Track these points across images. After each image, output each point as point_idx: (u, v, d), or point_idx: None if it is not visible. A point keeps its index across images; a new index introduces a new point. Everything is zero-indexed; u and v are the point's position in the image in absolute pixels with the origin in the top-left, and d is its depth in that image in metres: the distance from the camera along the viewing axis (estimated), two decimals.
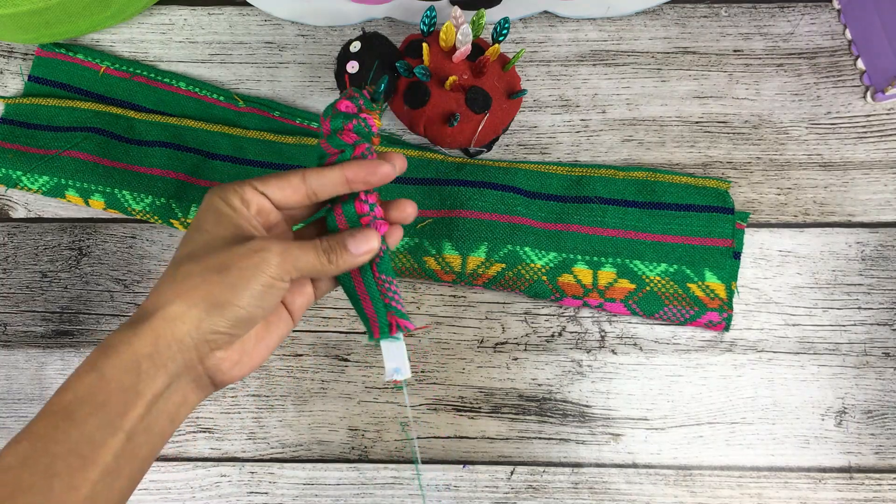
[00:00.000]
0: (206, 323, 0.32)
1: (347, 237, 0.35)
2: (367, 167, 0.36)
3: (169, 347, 0.32)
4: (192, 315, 0.32)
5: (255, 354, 0.36)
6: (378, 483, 0.49)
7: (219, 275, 0.32)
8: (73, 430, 0.30)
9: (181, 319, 0.32)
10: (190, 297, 0.32)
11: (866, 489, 0.48)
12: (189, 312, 0.32)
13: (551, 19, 0.56)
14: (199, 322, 0.32)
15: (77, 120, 0.53)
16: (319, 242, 0.35)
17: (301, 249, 0.34)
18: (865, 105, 0.54)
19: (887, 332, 0.50)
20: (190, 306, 0.32)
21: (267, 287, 0.33)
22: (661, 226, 0.51)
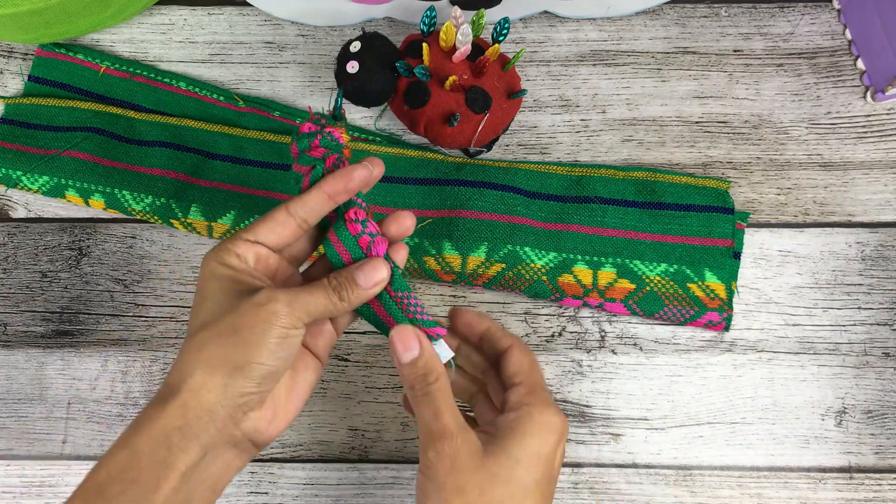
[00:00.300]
0: (232, 387, 0.32)
1: (355, 271, 0.35)
2: (342, 175, 0.36)
3: (199, 419, 0.32)
4: (216, 382, 0.32)
5: (290, 407, 0.36)
6: (378, 483, 0.49)
7: (232, 337, 0.32)
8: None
9: (206, 388, 0.32)
10: (210, 365, 0.32)
11: (866, 489, 0.48)
12: (212, 380, 0.32)
13: (551, 19, 0.56)
14: (224, 388, 0.32)
15: (77, 120, 0.53)
16: (328, 282, 0.35)
17: (309, 293, 0.34)
18: (865, 105, 0.54)
19: (887, 332, 0.50)
20: (212, 374, 0.32)
21: (282, 338, 0.33)
22: (661, 226, 0.51)
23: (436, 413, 0.34)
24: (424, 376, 0.35)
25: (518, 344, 0.39)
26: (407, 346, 0.35)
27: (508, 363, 0.38)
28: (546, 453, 0.34)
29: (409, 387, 0.35)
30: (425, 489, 0.34)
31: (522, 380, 0.37)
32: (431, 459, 0.33)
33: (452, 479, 0.33)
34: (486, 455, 0.34)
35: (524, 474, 0.33)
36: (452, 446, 0.33)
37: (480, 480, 0.33)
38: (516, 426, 0.34)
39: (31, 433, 0.50)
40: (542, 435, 0.34)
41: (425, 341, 0.36)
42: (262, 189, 0.52)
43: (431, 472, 0.33)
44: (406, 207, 0.52)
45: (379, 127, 0.54)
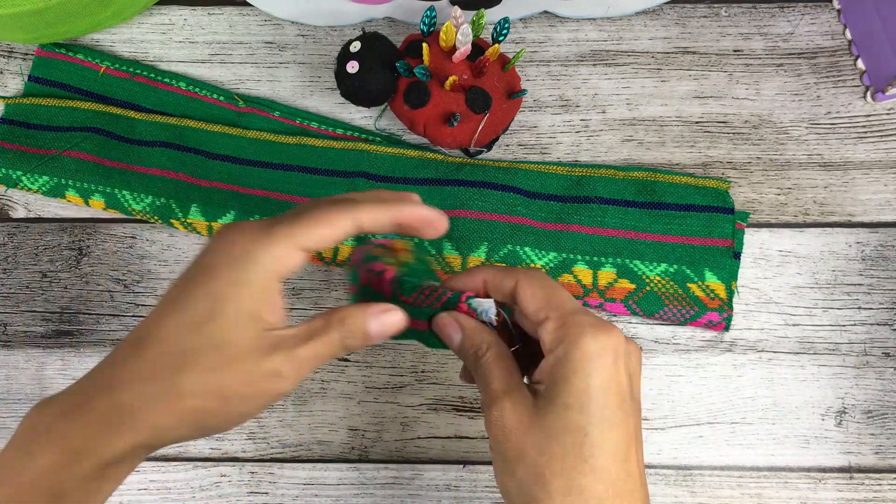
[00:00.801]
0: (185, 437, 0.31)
1: (370, 319, 0.32)
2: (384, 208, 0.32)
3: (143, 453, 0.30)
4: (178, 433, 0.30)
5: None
6: (378, 483, 0.49)
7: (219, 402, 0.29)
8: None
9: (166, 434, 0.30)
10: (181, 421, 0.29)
11: (866, 489, 0.48)
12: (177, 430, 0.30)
13: (551, 19, 0.56)
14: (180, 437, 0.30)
15: (77, 120, 0.53)
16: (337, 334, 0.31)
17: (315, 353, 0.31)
18: (865, 105, 0.54)
19: (887, 332, 0.50)
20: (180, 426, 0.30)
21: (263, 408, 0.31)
22: (661, 226, 0.51)
23: (487, 382, 0.32)
24: (475, 353, 0.33)
25: (524, 275, 0.33)
26: (449, 334, 0.34)
27: (523, 303, 0.33)
28: (600, 384, 0.30)
29: (470, 367, 0.34)
30: (494, 462, 0.31)
31: (546, 314, 0.32)
32: (488, 429, 0.31)
33: (510, 446, 0.30)
34: (538, 411, 0.30)
35: (581, 418, 0.29)
36: (499, 410, 0.31)
37: (537, 439, 0.30)
38: (557, 370, 0.30)
39: None
40: (587, 366, 0.30)
41: (464, 320, 0.33)
42: (262, 189, 0.52)
43: (492, 441, 0.31)
44: None
45: (379, 127, 0.54)
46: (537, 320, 0.32)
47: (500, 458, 0.31)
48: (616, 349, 0.30)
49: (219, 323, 0.29)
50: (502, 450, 0.30)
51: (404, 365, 0.50)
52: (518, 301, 0.33)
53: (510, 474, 0.30)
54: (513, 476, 0.30)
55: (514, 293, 0.33)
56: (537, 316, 0.32)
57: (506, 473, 0.31)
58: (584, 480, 0.29)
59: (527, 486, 0.30)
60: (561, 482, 0.29)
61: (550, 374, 0.31)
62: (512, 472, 0.30)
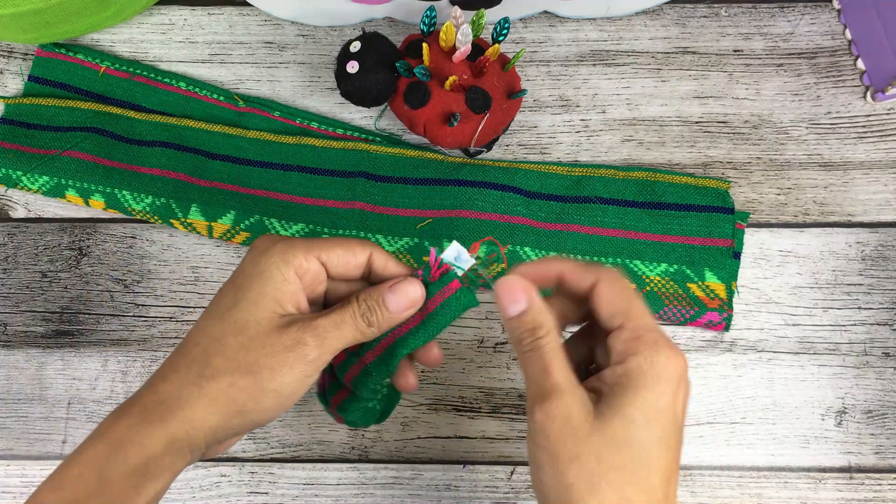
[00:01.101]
0: (223, 428, 0.31)
1: (386, 293, 0.33)
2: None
3: (181, 450, 0.30)
4: (213, 421, 0.31)
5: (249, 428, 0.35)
6: (378, 483, 0.49)
7: (249, 377, 0.31)
8: None
9: (200, 425, 0.30)
10: (215, 402, 0.30)
11: (866, 489, 0.48)
12: (210, 418, 0.31)
13: (551, 19, 0.56)
14: (217, 427, 0.31)
15: (77, 120, 0.53)
16: (357, 308, 0.33)
17: (338, 328, 0.32)
18: (865, 105, 0.54)
19: (887, 332, 0.50)
20: (213, 412, 0.30)
21: (297, 385, 0.31)
22: (661, 226, 0.51)
23: (545, 370, 0.30)
24: (533, 330, 0.31)
25: (606, 276, 0.32)
26: (513, 298, 0.32)
27: (599, 305, 0.32)
28: (665, 405, 0.30)
29: (517, 342, 0.32)
30: (537, 458, 0.30)
31: (622, 322, 0.31)
32: (540, 422, 0.30)
33: (566, 446, 0.29)
34: (599, 417, 0.30)
35: (643, 434, 0.29)
36: (563, 406, 0.29)
37: (596, 446, 0.29)
38: (626, 381, 0.30)
39: (31, 433, 0.50)
40: (657, 386, 0.30)
41: (534, 293, 0.32)
42: (262, 189, 0.52)
43: (541, 437, 0.30)
44: (406, 207, 0.52)
45: (379, 127, 0.54)
46: (611, 326, 0.31)
47: (549, 458, 0.30)
48: (683, 375, 0.31)
49: (241, 306, 0.32)
50: (555, 449, 0.29)
51: None
52: (594, 300, 0.32)
53: (559, 475, 0.29)
54: (562, 478, 0.29)
55: (591, 291, 0.32)
56: (611, 322, 0.31)
57: (553, 474, 0.30)
58: (635, 496, 0.29)
59: (576, 492, 0.29)
60: (615, 494, 0.29)
61: (617, 384, 0.30)
62: (562, 473, 0.29)
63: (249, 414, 0.31)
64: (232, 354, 0.31)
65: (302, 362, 0.31)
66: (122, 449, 0.30)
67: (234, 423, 0.31)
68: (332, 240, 0.34)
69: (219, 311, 0.32)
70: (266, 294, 0.32)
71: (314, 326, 0.31)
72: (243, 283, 0.32)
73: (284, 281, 0.32)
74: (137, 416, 0.30)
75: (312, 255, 0.33)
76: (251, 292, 0.32)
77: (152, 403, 0.31)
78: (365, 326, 0.33)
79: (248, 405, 0.31)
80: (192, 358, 0.31)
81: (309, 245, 0.33)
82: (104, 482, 0.29)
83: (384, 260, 0.35)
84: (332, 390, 0.37)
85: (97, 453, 0.30)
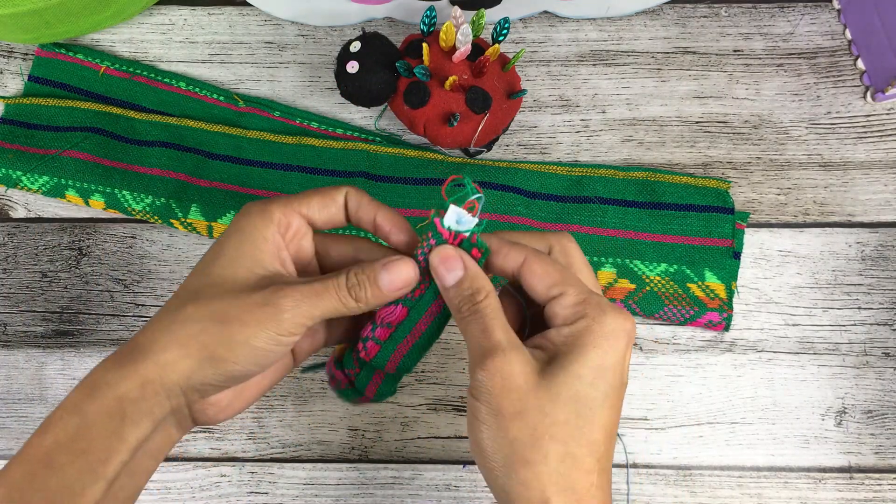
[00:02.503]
0: (198, 375, 0.31)
1: (381, 270, 0.32)
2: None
3: (157, 394, 0.30)
4: (185, 365, 0.30)
5: (247, 397, 0.34)
6: (378, 483, 0.49)
7: (219, 325, 0.30)
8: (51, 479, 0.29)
9: (172, 368, 0.30)
10: (185, 346, 0.30)
11: (866, 489, 0.48)
12: (182, 362, 0.30)
13: (551, 19, 0.56)
14: (190, 372, 0.30)
15: (77, 120, 0.53)
16: (345, 280, 0.32)
17: (319, 295, 0.31)
18: (865, 105, 0.54)
19: (887, 332, 0.50)
20: (184, 356, 0.30)
21: (270, 345, 0.31)
22: (661, 226, 0.51)
23: (484, 330, 0.31)
24: (472, 296, 0.31)
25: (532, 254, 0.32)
26: (450, 267, 0.32)
27: (531, 280, 0.32)
28: (612, 363, 0.30)
29: (456, 310, 0.32)
30: (478, 414, 0.30)
31: (562, 290, 0.31)
32: (482, 380, 0.30)
33: (509, 402, 0.29)
34: (544, 374, 0.30)
35: (589, 390, 0.30)
36: (505, 363, 0.30)
37: (541, 401, 0.29)
38: (573, 340, 0.30)
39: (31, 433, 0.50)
40: (606, 344, 0.30)
41: (469, 260, 0.32)
42: (262, 189, 0.52)
43: (483, 394, 0.30)
44: (406, 207, 0.52)
45: (379, 127, 0.54)
46: (550, 296, 0.32)
47: (491, 414, 0.30)
48: (630, 335, 0.31)
49: (220, 262, 0.32)
50: (498, 405, 0.30)
51: None
52: (526, 278, 0.32)
53: (501, 431, 0.30)
54: (504, 433, 0.29)
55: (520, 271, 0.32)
56: (549, 292, 0.32)
57: (495, 429, 0.30)
58: (579, 450, 0.29)
59: (520, 446, 0.29)
60: (559, 447, 0.29)
61: (564, 344, 0.31)
62: (504, 428, 0.29)
63: (223, 363, 0.31)
64: (205, 303, 0.31)
65: (273, 321, 0.30)
66: (98, 391, 0.30)
67: (207, 371, 0.31)
68: (310, 190, 0.34)
69: (199, 268, 0.33)
70: (244, 252, 0.32)
71: (291, 290, 0.31)
72: (223, 242, 0.33)
73: (263, 240, 0.32)
74: (113, 361, 0.31)
75: (291, 210, 0.33)
76: (230, 250, 0.32)
77: (128, 349, 0.31)
78: (351, 300, 0.32)
79: (219, 351, 0.30)
80: (168, 308, 0.32)
81: (287, 201, 0.33)
82: (84, 424, 0.29)
83: (358, 199, 0.34)
84: (364, 381, 0.35)
85: (75, 397, 0.30)
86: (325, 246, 0.36)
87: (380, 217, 0.34)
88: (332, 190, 0.34)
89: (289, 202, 0.33)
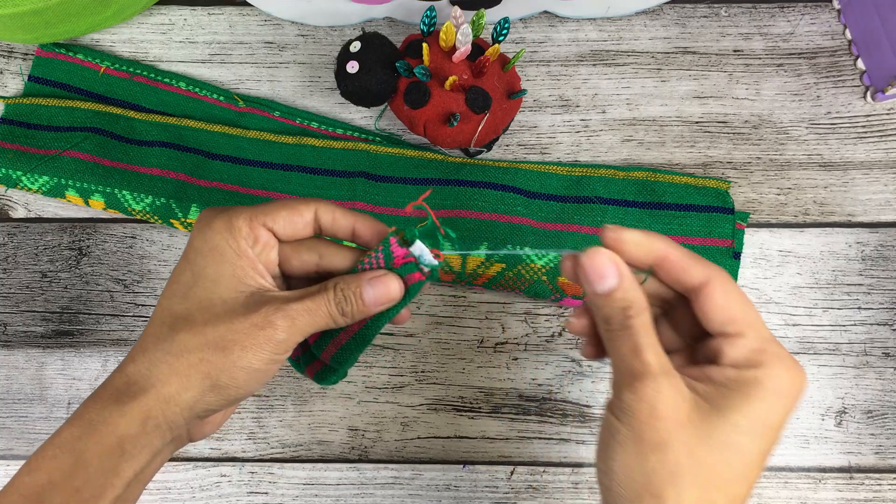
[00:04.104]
0: (200, 404, 0.31)
1: (365, 284, 0.32)
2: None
3: (158, 427, 0.30)
4: (188, 396, 0.30)
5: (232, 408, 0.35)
6: (378, 483, 0.49)
7: (219, 353, 0.30)
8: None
9: (175, 401, 0.30)
10: (187, 378, 0.30)
11: (866, 489, 0.48)
12: (185, 394, 0.30)
13: (551, 19, 0.56)
14: (193, 403, 0.30)
15: (77, 120, 0.53)
16: (332, 294, 0.32)
17: (310, 312, 0.31)
18: (865, 105, 0.54)
19: (887, 332, 0.50)
20: (186, 388, 0.30)
21: (271, 363, 0.31)
22: (661, 226, 0.51)
23: (635, 349, 0.28)
24: (624, 310, 0.29)
25: (719, 277, 0.30)
26: (602, 274, 0.29)
27: (710, 308, 0.29)
28: (775, 422, 0.28)
29: (603, 320, 0.30)
30: (616, 435, 0.28)
31: (740, 330, 0.29)
32: (628, 402, 0.28)
33: (653, 431, 0.27)
34: (698, 411, 0.28)
35: (744, 442, 0.28)
36: (656, 390, 0.28)
37: (688, 438, 0.27)
38: (740, 388, 0.28)
39: (31, 433, 0.50)
40: (774, 402, 0.28)
41: (625, 270, 0.29)
42: (262, 189, 0.52)
43: (626, 416, 0.28)
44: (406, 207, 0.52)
45: (379, 127, 0.54)
46: (725, 332, 0.29)
47: (632, 439, 0.28)
48: (801, 395, 0.29)
49: (202, 285, 0.31)
50: (640, 431, 0.28)
51: (404, 365, 0.50)
52: (703, 301, 0.30)
53: (639, 458, 0.28)
54: (642, 462, 0.28)
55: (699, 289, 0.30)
56: (724, 327, 0.29)
57: (633, 455, 0.28)
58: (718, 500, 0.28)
59: (656, 479, 0.27)
60: (698, 493, 0.27)
61: (726, 387, 0.28)
62: (643, 456, 0.28)
63: (225, 389, 0.31)
64: (199, 330, 0.30)
65: (272, 342, 0.31)
66: (95, 430, 0.29)
67: (210, 398, 0.31)
68: (275, 204, 0.33)
69: (180, 290, 0.32)
70: (223, 272, 0.32)
71: (286, 309, 0.31)
72: (198, 261, 0.32)
73: (237, 256, 0.32)
74: (109, 398, 0.30)
75: (258, 223, 0.32)
76: (208, 270, 0.32)
77: (123, 385, 0.30)
78: (338, 315, 0.32)
79: (222, 379, 0.30)
80: (158, 336, 0.31)
81: (252, 213, 0.32)
82: (79, 463, 0.29)
83: (331, 213, 0.34)
84: (307, 360, 0.37)
85: (71, 435, 0.30)
86: (285, 253, 0.35)
87: (359, 226, 0.34)
88: (298, 204, 0.34)
89: (254, 214, 0.33)
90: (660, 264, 0.31)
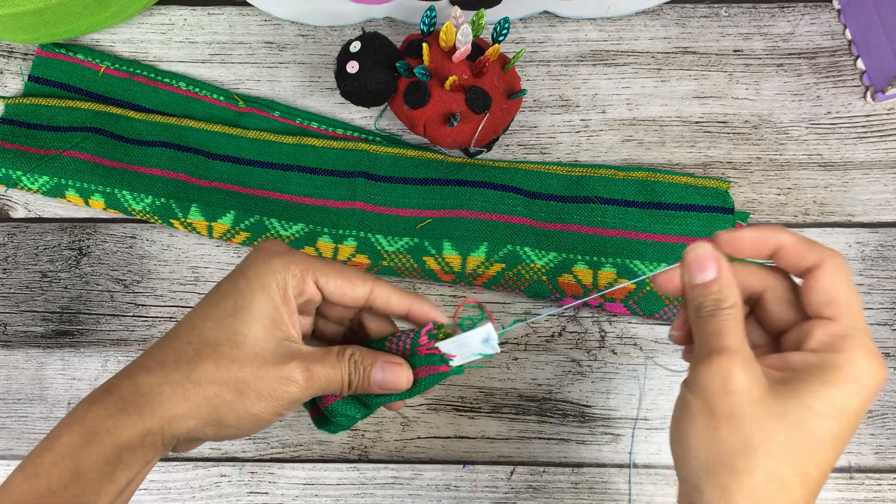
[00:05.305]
0: (199, 433, 0.31)
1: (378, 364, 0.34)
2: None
3: (155, 443, 0.31)
4: (190, 423, 0.31)
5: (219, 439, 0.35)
6: (378, 483, 0.49)
7: (235, 394, 0.31)
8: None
9: (178, 424, 0.31)
10: (196, 406, 0.31)
11: (866, 489, 0.48)
12: (188, 420, 0.31)
13: (551, 19, 0.56)
14: (193, 430, 0.31)
15: (77, 120, 0.53)
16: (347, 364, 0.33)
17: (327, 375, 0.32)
18: (865, 105, 0.54)
19: (887, 332, 0.50)
20: (192, 416, 0.31)
21: (274, 416, 0.32)
22: (661, 226, 0.51)
23: (719, 332, 0.29)
24: (717, 301, 0.30)
25: (831, 259, 0.30)
26: (703, 267, 0.31)
27: (815, 287, 0.30)
28: (850, 408, 0.28)
29: (696, 307, 0.30)
30: (690, 407, 0.29)
31: (835, 313, 0.29)
32: (702, 376, 0.29)
33: (725, 403, 0.28)
34: (772, 391, 0.28)
35: (817, 424, 0.28)
36: (731, 364, 0.28)
37: (760, 413, 0.28)
38: (816, 373, 0.28)
39: (31, 433, 0.50)
40: (852, 388, 0.28)
41: (725, 266, 0.31)
42: (262, 189, 0.52)
43: (699, 389, 0.29)
44: (406, 207, 0.52)
45: (379, 127, 0.54)
46: (818, 313, 0.30)
47: (703, 410, 0.29)
48: (880, 385, 0.29)
49: (241, 318, 0.31)
50: (713, 403, 0.28)
51: None
52: (811, 281, 0.30)
53: (711, 430, 0.28)
54: (714, 434, 0.28)
55: (809, 269, 0.30)
56: (822, 309, 0.30)
57: (704, 427, 0.28)
58: (791, 477, 0.28)
59: (728, 450, 0.28)
60: (770, 465, 0.28)
61: (803, 371, 0.29)
62: (715, 428, 0.28)
63: (226, 427, 0.31)
64: (225, 365, 0.31)
65: (287, 398, 0.32)
66: (97, 438, 0.30)
67: (208, 430, 0.31)
68: (334, 266, 0.34)
69: (217, 315, 0.32)
70: (267, 314, 0.32)
71: (308, 369, 0.32)
72: (246, 294, 0.32)
73: (283, 301, 0.32)
74: (114, 405, 0.30)
75: (309, 275, 0.33)
76: (254, 306, 0.32)
77: (130, 394, 0.31)
78: (346, 385, 0.33)
79: (229, 419, 0.31)
80: (181, 355, 0.31)
81: (310, 265, 0.33)
82: (78, 471, 0.29)
83: (387, 294, 0.35)
84: (310, 402, 0.37)
85: (72, 441, 0.30)
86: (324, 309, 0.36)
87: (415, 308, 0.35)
88: (355, 278, 0.34)
89: (310, 265, 0.33)
90: (777, 253, 0.31)
